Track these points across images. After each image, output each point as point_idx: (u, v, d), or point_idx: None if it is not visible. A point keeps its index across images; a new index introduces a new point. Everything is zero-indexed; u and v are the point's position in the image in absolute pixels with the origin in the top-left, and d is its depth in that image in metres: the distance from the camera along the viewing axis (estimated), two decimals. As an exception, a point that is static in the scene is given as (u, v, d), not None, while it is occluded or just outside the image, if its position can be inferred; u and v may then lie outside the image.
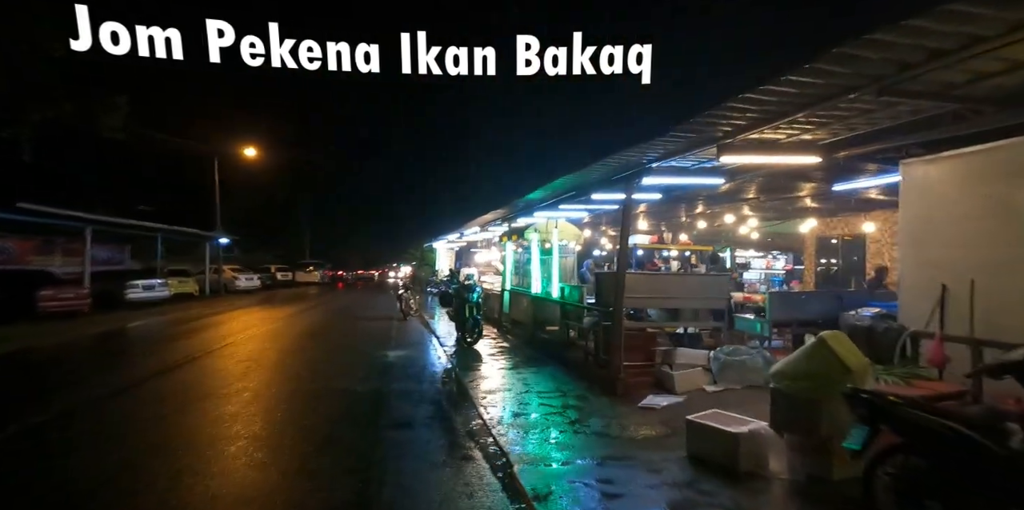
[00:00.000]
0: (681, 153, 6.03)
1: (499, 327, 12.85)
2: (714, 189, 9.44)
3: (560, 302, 9.13)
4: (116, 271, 22.41)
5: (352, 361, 9.02)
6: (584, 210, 11.15)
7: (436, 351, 10.17)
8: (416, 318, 15.64)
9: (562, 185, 8.81)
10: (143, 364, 8.87)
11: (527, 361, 8.95)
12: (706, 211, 11.95)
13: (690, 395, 6.38)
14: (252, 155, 29.92)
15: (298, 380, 7.54)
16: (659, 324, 7.73)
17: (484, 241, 25.02)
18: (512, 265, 12.68)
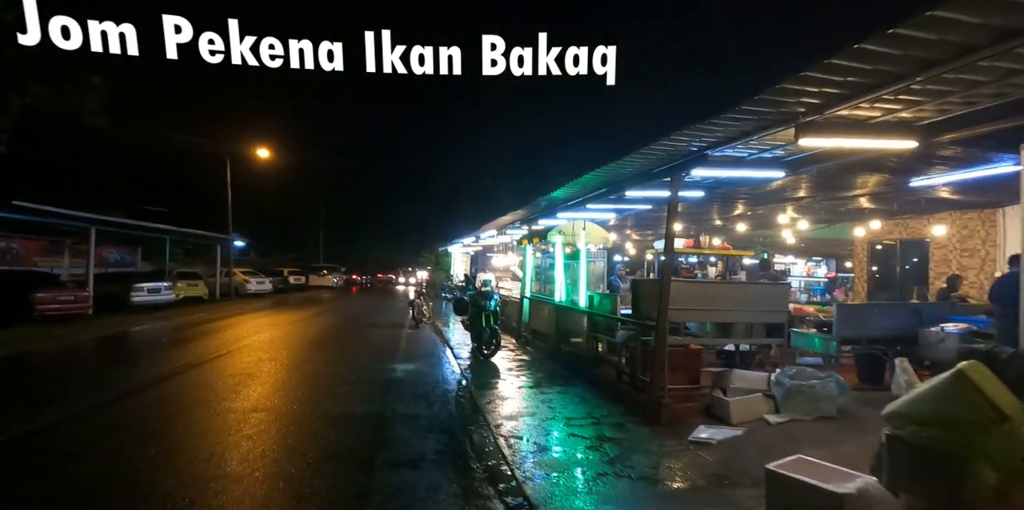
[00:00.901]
0: (741, 138, 5.03)
1: (517, 337, 11.88)
2: (762, 186, 8.41)
3: (588, 312, 8.15)
4: (125, 273, 21.92)
5: (355, 377, 8.12)
6: (613, 211, 10.17)
7: (449, 365, 9.23)
8: (429, 326, 14.74)
9: (591, 181, 7.84)
10: (125, 377, 8.06)
11: (551, 378, 7.97)
12: (746, 212, 10.90)
13: (749, 427, 5.35)
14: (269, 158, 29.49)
15: (291, 400, 6.64)
16: (706, 341, 6.69)
17: (500, 245, 24.11)
18: (532, 270, 11.72)
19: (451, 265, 32.82)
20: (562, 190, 8.73)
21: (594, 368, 7.95)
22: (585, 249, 8.49)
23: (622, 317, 7.01)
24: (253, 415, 5.90)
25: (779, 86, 3.58)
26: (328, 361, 9.40)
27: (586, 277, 8.50)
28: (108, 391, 6.95)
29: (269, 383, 7.54)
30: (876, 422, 5.64)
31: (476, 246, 24.65)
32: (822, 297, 12.30)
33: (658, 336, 5.77)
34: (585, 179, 7.56)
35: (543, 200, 10.02)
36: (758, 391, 5.74)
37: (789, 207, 10.63)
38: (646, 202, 9.18)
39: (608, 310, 7.38)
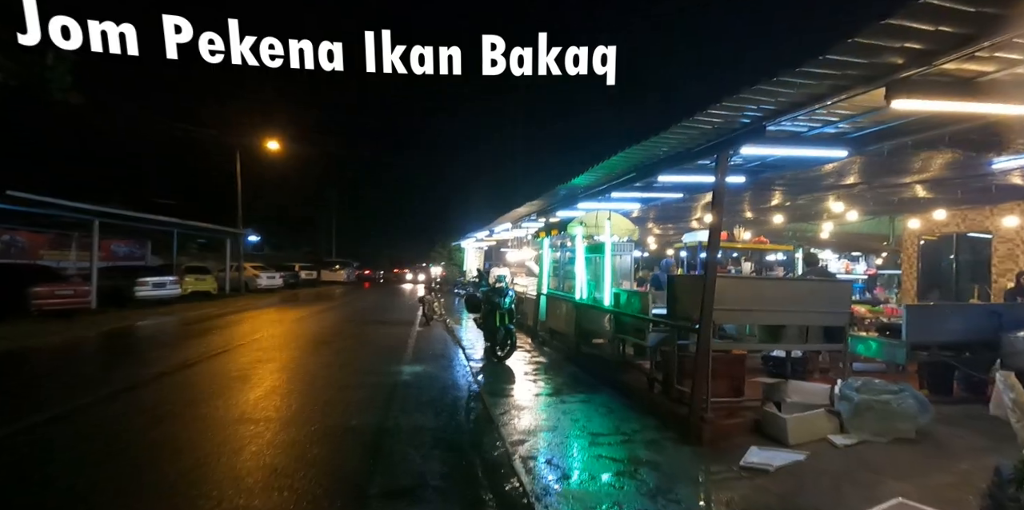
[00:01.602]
0: (806, 106, 4.18)
1: (533, 337, 11.11)
2: (807, 171, 7.52)
3: (613, 311, 7.34)
4: (132, 267, 21.50)
5: (358, 381, 7.41)
6: (639, 200, 9.32)
7: (460, 367, 8.49)
8: (440, 323, 14.03)
9: (618, 164, 7.01)
10: (103, 380, 7.43)
11: (572, 384, 7.19)
12: (783, 203, 9.99)
13: (811, 450, 4.52)
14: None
15: (282, 409, 5.94)
16: (754, 346, 5.84)
17: (515, 240, 23.31)
18: (549, 265, 10.93)
19: (464, 260, 32.13)
20: (585, 176, 7.91)
21: (620, 373, 7.15)
22: (610, 242, 7.67)
23: (655, 318, 6.19)
24: (234, 428, 5.20)
25: (887, 22, 2.73)
26: (329, 363, 8.71)
27: (611, 272, 7.68)
28: (81, 396, 6.30)
29: (260, 388, 6.85)
30: (965, 445, 4.81)
31: (490, 240, 23.90)
32: (862, 296, 11.32)
33: (701, 341, 4.95)
34: (613, 162, 6.73)
35: (563, 188, 9.20)
36: (819, 406, 4.90)
37: (832, 196, 9.70)
38: (678, 189, 8.33)
39: (637, 309, 6.57)
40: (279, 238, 51.81)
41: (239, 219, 25.85)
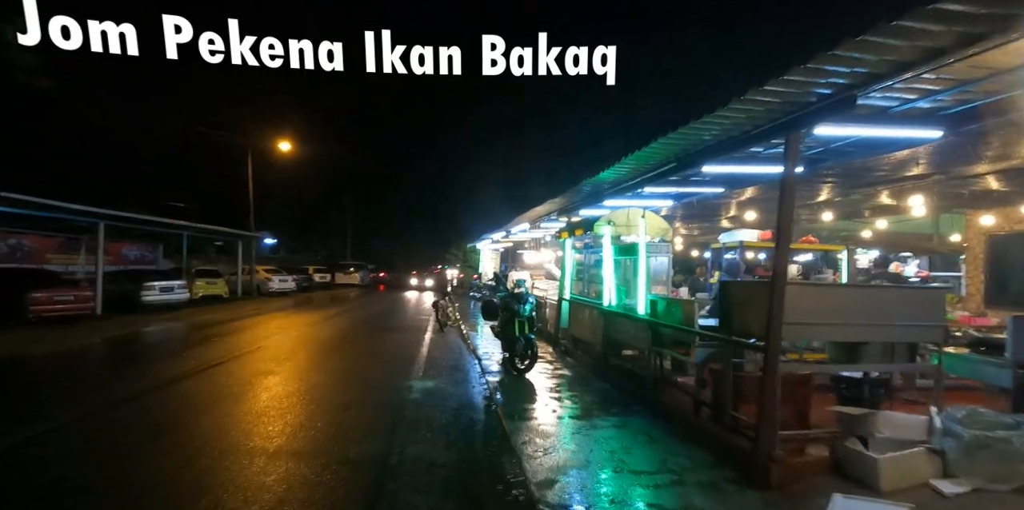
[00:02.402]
0: (916, 67, 3.30)
1: (555, 345, 10.28)
2: (870, 160, 6.59)
3: (649, 321, 6.47)
4: (142, 271, 21.06)
5: (363, 399, 6.65)
6: (674, 196, 8.44)
7: (475, 382, 7.68)
8: (455, 330, 13.24)
9: (655, 154, 6.16)
10: (85, 395, 6.73)
11: (603, 404, 6.34)
12: (832, 198, 9.03)
13: (912, 499, 3.63)
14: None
15: (275, 435, 5.17)
16: (827, 368, 4.92)
17: (532, 241, 22.47)
18: (572, 268, 10.07)
19: (480, 262, 31.38)
20: (614, 169, 7.07)
21: (658, 392, 6.29)
22: (645, 242, 6.80)
23: (703, 330, 5.31)
24: (212, 462, 4.43)
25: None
26: (334, 377, 7.95)
27: (646, 277, 6.81)
28: (46, 419, 5.60)
29: (254, 409, 6.11)
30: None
31: (506, 242, 23.10)
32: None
33: (768, 361, 4.08)
34: (649, 151, 5.89)
35: (587, 184, 8.37)
36: (916, 443, 4.00)
37: (886, 191, 8.71)
38: (719, 183, 7.44)
39: (679, 320, 5.68)
40: (295, 241, 51.73)
41: (251, 221, 25.34)
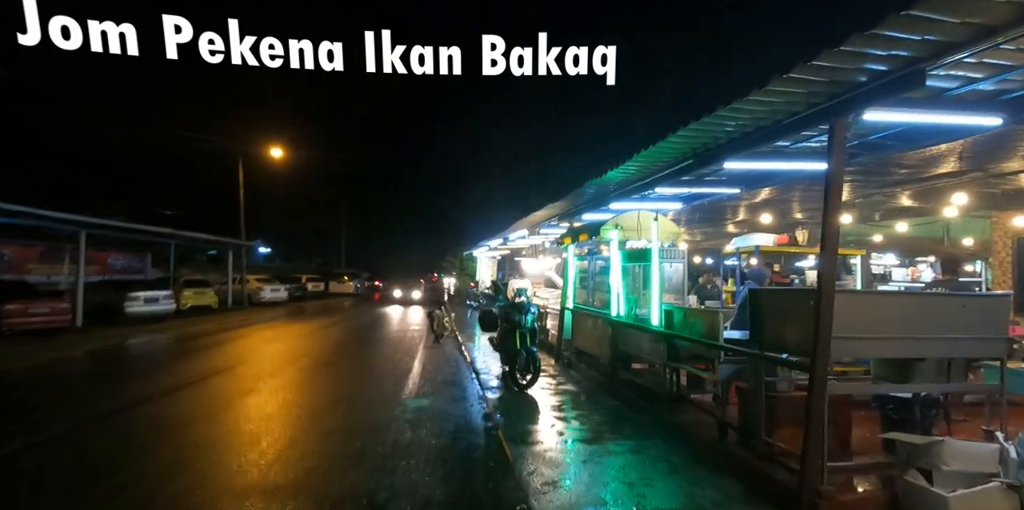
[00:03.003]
0: (986, 39, 2.79)
1: (558, 358, 9.69)
2: (900, 156, 6.08)
3: (665, 333, 5.90)
4: (129, 281, 20.40)
5: (351, 421, 6.04)
6: (684, 198, 7.91)
7: (474, 399, 7.08)
8: (452, 340, 12.65)
9: (670, 150, 5.63)
10: (40, 418, 6.10)
11: (614, 424, 5.76)
12: (852, 199, 8.51)
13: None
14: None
15: (247, 466, 4.57)
16: (875, 388, 4.34)
17: (530, 248, 21.93)
18: (576, 276, 9.52)
19: (476, 270, 30.80)
20: (623, 168, 6.53)
21: (675, 412, 5.71)
22: (659, 248, 6.24)
23: (728, 345, 4.75)
24: (159, 505, 3.82)
25: None
26: (321, 395, 7.35)
27: (660, 285, 6.24)
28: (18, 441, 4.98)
29: (224, 435, 5.50)
30: None
31: (504, 249, 22.55)
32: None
33: (815, 381, 3.52)
34: (664, 146, 5.35)
35: (592, 185, 7.83)
36: (986, 476, 3.43)
37: (910, 191, 8.21)
38: (736, 182, 6.91)
39: (701, 332, 5.12)
40: (290, 250, 51.11)
41: (242, 229, 24.72)
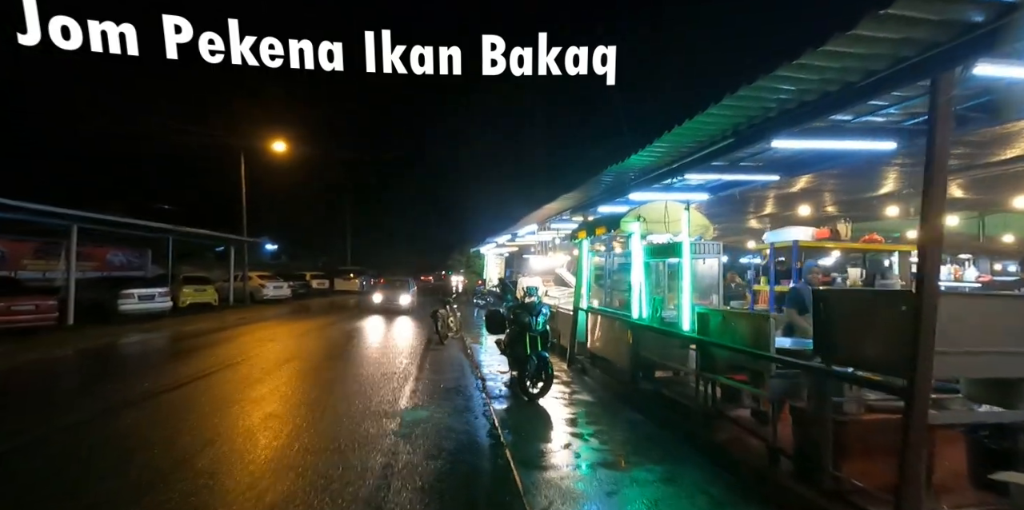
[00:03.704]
0: None
1: (570, 362, 8.93)
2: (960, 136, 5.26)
3: (698, 339, 5.13)
4: (128, 277, 19.86)
5: (339, 438, 5.33)
6: (714, 187, 7.10)
7: (479, 410, 6.34)
8: (457, 341, 11.93)
9: (704, 128, 4.86)
10: (9, 427, 5.43)
11: (639, 443, 5.01)
12: (899, 190, 7.66)
13: None
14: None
15: (219, 497, 3.85)
16: (972, 417, 3.53)
17: (538, 244, 21.16)
18: (590, 273, 8.74)
19: (484, 268, 30.10)
20: (648, 151, 5.76)
21: (710, 429, 4.94)
22: (689, 241, 5.43)
23: (782, 356, 3.97)
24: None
25: None
26: (310, 405, 6.63)
27: (691, 284, 5.45)
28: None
29: (194, 455, 4.78)
30: None
31: (512, 246, 21.79)
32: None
33: (915, 407, 2.75)
34: (699, 122, 4.58)
35: (611, 172, 7.06)
36: None
37: (964, 179, 7.37)
38: (776, 168, 6.11)
39: (745, 340, 4.34)
40: (296, 247, 50.75)
41: (243, 225, 24.13)
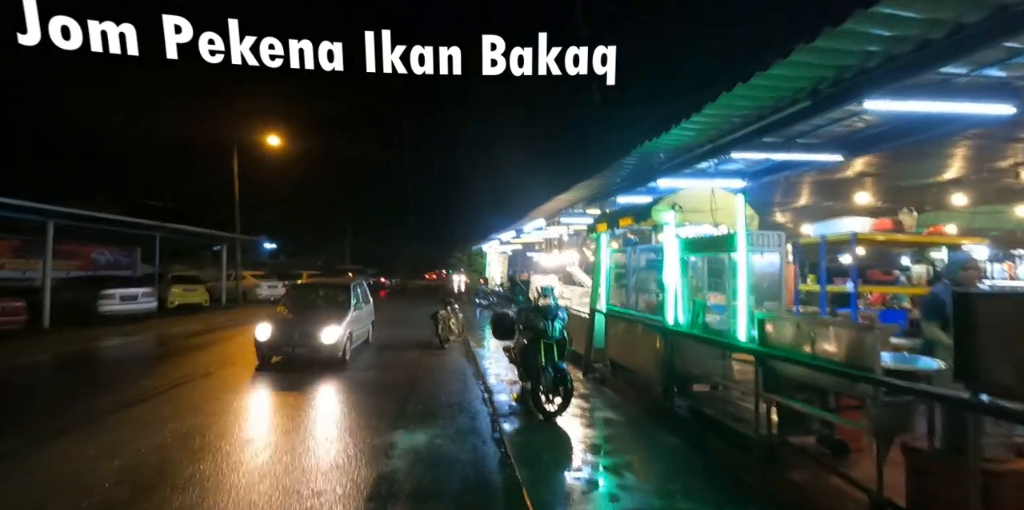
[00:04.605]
0: None
1: (586, 371, 7.97)
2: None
3: (762, 352, 4.14)
4: (112, 277, 18.90)
5: (318, 472, 4.38)
6: (751, 174, 6.15)
7: (485, 433, 5.38)
8: (459, 345, 10.97)
9: (770, 91, 3.88)
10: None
11: (689, 481, 4.05)
12: (968, 175, 6.66)
13: None
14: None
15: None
16: None
17: (544, 242, 20.19)
18: (609, 271, 7.77)
19: (485, 266, 29.16)
20: (690, 124, 4.79)
21: (774, 464, 3.98)
22: (746, 235, 4.42)
23: (899, 381, 2.99)
24: None
25: None
26: (288, 431, 5.67)
27: (747, 285, 4.46)
28: None
29: (142, 499, 3.83)
30: None
31: (516, 243, 20.85)
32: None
33: None
34: (765, 82, 3.60)
35: (637, 154, 6.10)
36: None
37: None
38: (842, 146, 5.13)
39: (835, 357, 3.36)
40: (294, 246, 50.01)
41: (236, 222, 23.19)
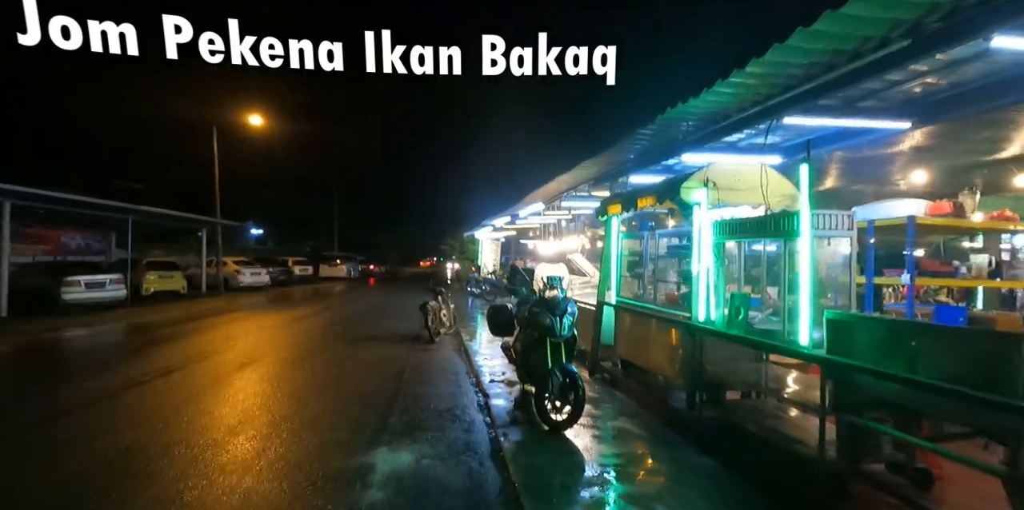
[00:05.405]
0: None
1: (592, 370, 7.14)
2: None
3: (838, 362, 3.30)
4: (82, 263, 17.77)
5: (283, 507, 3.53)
6: (787, 148, 5.30)
7: (483, 450, 4.54)
8: (450, 338, 10.13)
9: (841, 37, 2.99)
10: None
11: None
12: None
13: None
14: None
15: None
16: None
17: (540, 228, 19.32)
18: (619, 259, 6.92)
19: (478, 254, 28.27)
20: (733, 79, 3.89)
21: (847, 499, 3.17)
22: (808, 213, 3.55)
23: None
24: None
25: None
26: (252, 443, 4.80)
27: (812, 278, 3.57)
28: None
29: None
30: None
31: (510, 229, 19.95)
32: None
33: None
34: (829, 23, 2.71)
35: (658, 123, 5.20)
36: None
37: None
38: (912, 111, 4.27)
39: (949, 373, 2.54)
40: (282, 232, 48.87)
41: (216, 206, 22.06)
